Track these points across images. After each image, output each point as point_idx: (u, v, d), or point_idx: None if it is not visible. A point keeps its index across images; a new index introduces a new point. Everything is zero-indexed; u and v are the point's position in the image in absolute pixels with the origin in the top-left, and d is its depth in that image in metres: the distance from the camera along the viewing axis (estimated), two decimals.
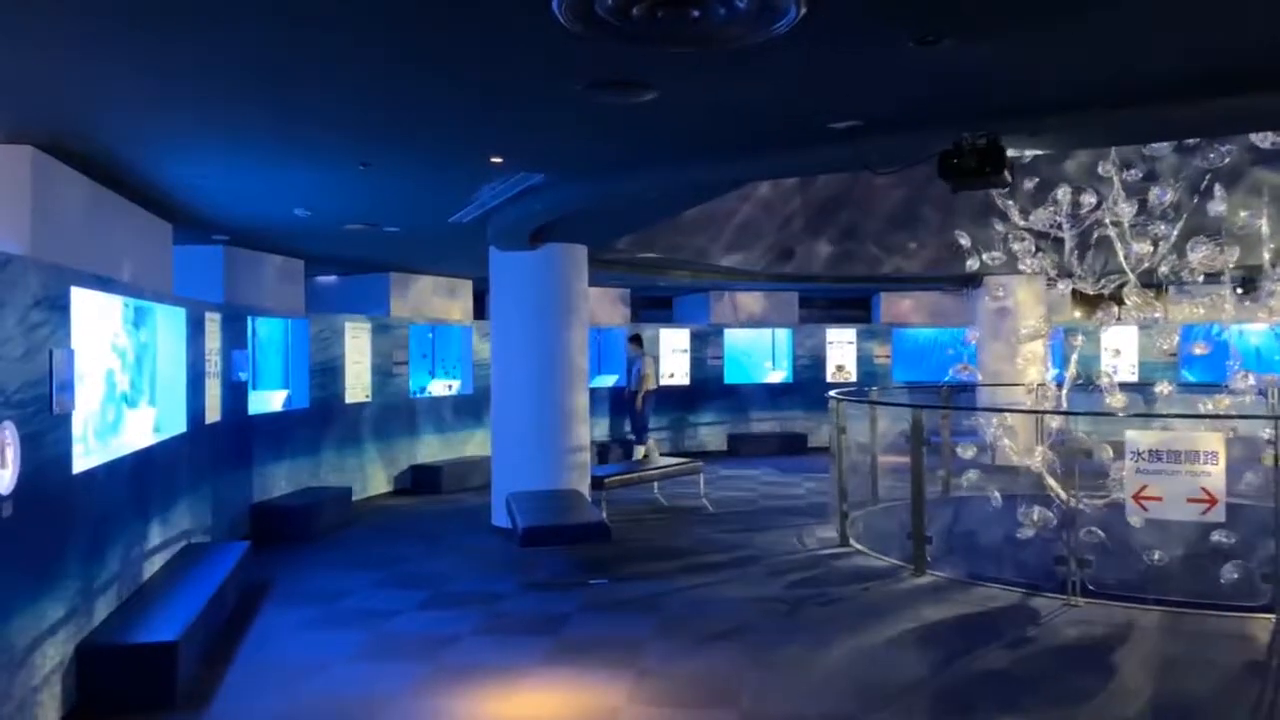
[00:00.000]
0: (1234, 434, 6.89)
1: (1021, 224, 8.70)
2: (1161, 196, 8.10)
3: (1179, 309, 8.14)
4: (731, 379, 16.13)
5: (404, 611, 6.43)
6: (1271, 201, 8.55)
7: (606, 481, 9.59)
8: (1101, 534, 6.72)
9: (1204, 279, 8.32)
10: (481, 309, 14.87)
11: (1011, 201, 8.70)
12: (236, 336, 8.88)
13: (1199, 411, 7.92)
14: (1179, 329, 8.75)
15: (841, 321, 17.25)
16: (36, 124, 4.84)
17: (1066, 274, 8.63)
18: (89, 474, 5.18)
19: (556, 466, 9.12)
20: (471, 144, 5.45)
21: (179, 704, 4.78)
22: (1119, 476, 6.98)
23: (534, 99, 4.44)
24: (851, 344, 16.43)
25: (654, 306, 17.28)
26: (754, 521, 9.66)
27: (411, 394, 12.24)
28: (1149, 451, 6.30)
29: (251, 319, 9.61)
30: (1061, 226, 8.59)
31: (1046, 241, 8.86)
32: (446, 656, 5.48)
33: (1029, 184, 8.88)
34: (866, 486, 9.55)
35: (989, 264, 8.46)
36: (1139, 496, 6.32)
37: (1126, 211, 7.91)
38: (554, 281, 9.15)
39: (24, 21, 3.38)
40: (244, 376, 9.16)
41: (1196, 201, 8.16)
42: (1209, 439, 6.12)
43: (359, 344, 11.14)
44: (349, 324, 10.97)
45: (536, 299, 9.12)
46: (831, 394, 9.46)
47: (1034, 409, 8.28)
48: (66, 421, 4.81)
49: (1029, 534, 7.26)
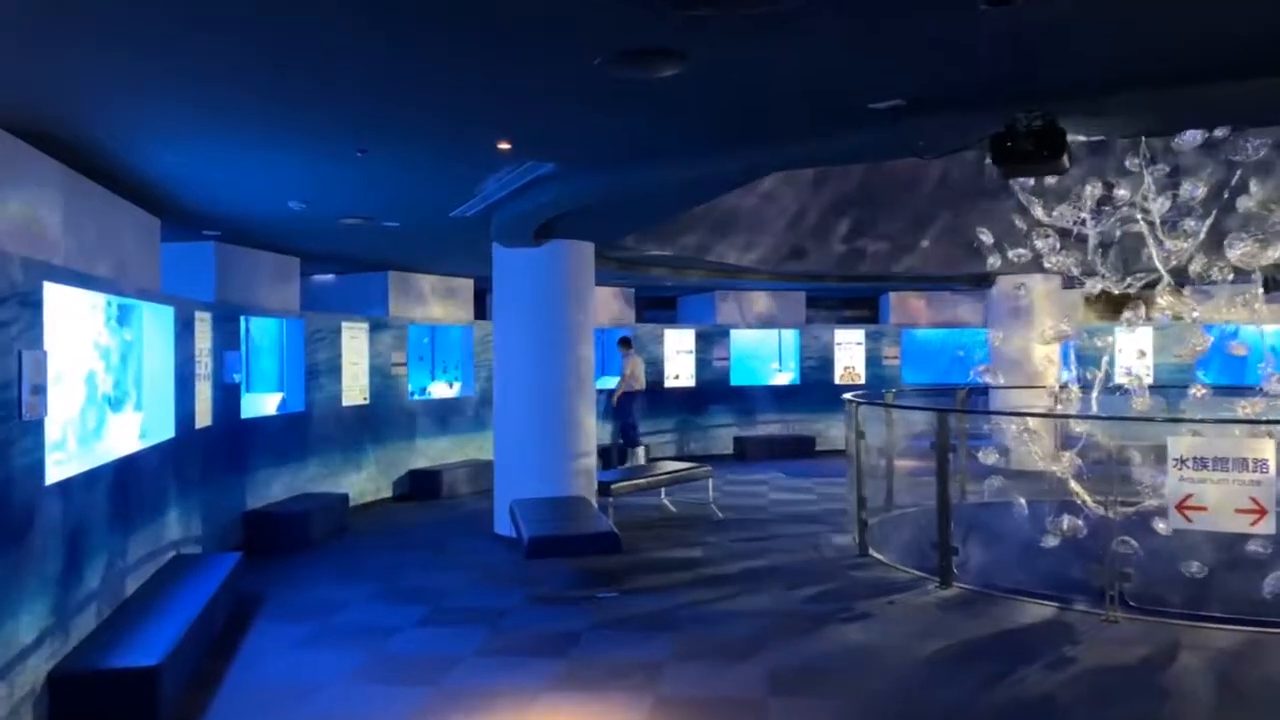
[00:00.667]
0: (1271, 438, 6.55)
1: (1045, 220, 8.35)
2: (1193, 192, 7.77)
3: (1214, 309, 7.82)
4: (738, 380, 15.77)
5: (403, 628, 6.07)
6: None
7: (613, 487, 9.24)
8: (1135, 544, 6.38)
9: (1233, 277, 8.01)
10: (482, 309, 14.53)
11: (1034, 197, 8.36)
12: (229, 337, 8.51)
13: (1237, 415, 7.54)
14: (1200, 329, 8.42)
15: (849, 322, 16.92)
16: (3, 105, 4.47)
17: (1090, 273, 8.30)
18: (65, 484, 4.82)
19: (562, 472, 8.76)
20: (477, 128, 5.05)
21: None
22: (1154, 484, 6.67)
23: (546, 75, 4.06)
24: (860, 345, 16.09)
25: (658, 306, 16.93)
26: (766, 529, 9.31)
27: (411, 396, 11.87)
28: (1194, 459, 5.95)
29: (245, 319, 9.23)
30: (1085, 223, 8.27)
31: (1069, 239, 8.53)
32: (448, 679, 5.11)
33: (1050, 179, 8.54)
34: (882, 492, 9.22)
35: (1014, 261, 8.10)
36: (1182, 506, 5.97)
37: (1160, 206, 7.55)
38: (559, 279, 8.79)
39: None
40: (237, 379, 8.79)
41: (1227, 197, 7.84)
42: (1260, 446, 5.77)
43: (357, 345, 10.78)
44: (346, 324, 10.60)
45: (541, 297, 8.76)
46: (848, 396, 9.11)
47: (1065, 413, 7.90)
48: (38, 428, 4.44)
49: (1053, 543, 6.92)
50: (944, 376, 16.10)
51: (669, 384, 15.11)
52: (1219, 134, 7.97)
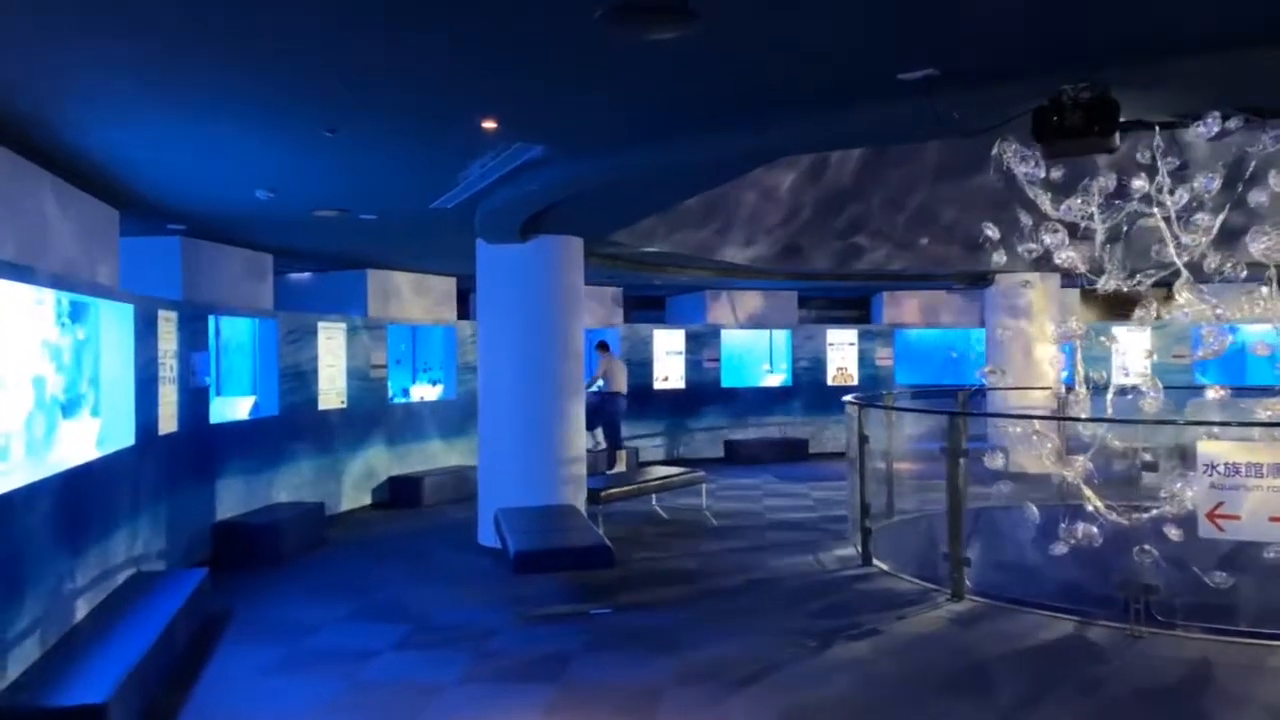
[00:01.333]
0: None
1: (1054, 214, 8.01)
2: (1209, 184, 7.44)
3: (1235, 306, 7.50)
4: (728, 382, 15.37)
5: (381, 652, 5.62)
6: None
7: (603, 495, 8.82)
8: (1155, 553, 6.03)
9: (1245, 274, 7.70)
10: (465, 309, 14.07)
11: (1042, 190, 8.00)
12: (196, 337, 8.02)
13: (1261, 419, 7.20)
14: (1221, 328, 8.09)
15: (840, 322, 16.57)
16: None
17: (1098, 270, 7.97)
18: (4, 499, 4.35)
19: (550, 479, 8.32)
20: (458, 103, 4.59)
21: None
22: (1174, 489, 6.33)
23: (537, 38, 3.61)
24: (853, 345, 15.73)
25: (646, 306, 16.51)
26: (763, 537, 8.92)
27: (391, 400, 11.39)
28: (1225, 465, 5.60)
29: (214, 318, 8.73)
30: (1093, 217, 7.93)
31: (1076, 235, 8.21)
32: (431, 711, 4.68)
33: (1056, 173, 8.20)
34: (882, 498, 8.84)
35: (1025, 256, 7.73)
36: (1213, 515, 5.61)
37: (1177, 199, 7.20)
38: (547, 277, 8.35)
39: None
40: (206, 382, 8.30)
41: (1240, 190, 7.52)
42: None
43: (333, 346, 10.28)
44: (322, 324, 10.11)
45: (528, 296, 8.31)
46: (848, 399, 8.73)
47: (1079, 416, 7.54)
48: None
49: (1065, 551, 6.56)
50: (938, 378, 15.78)
51: (658, 386, 14.69)
52: (1232, 125, 7.67)
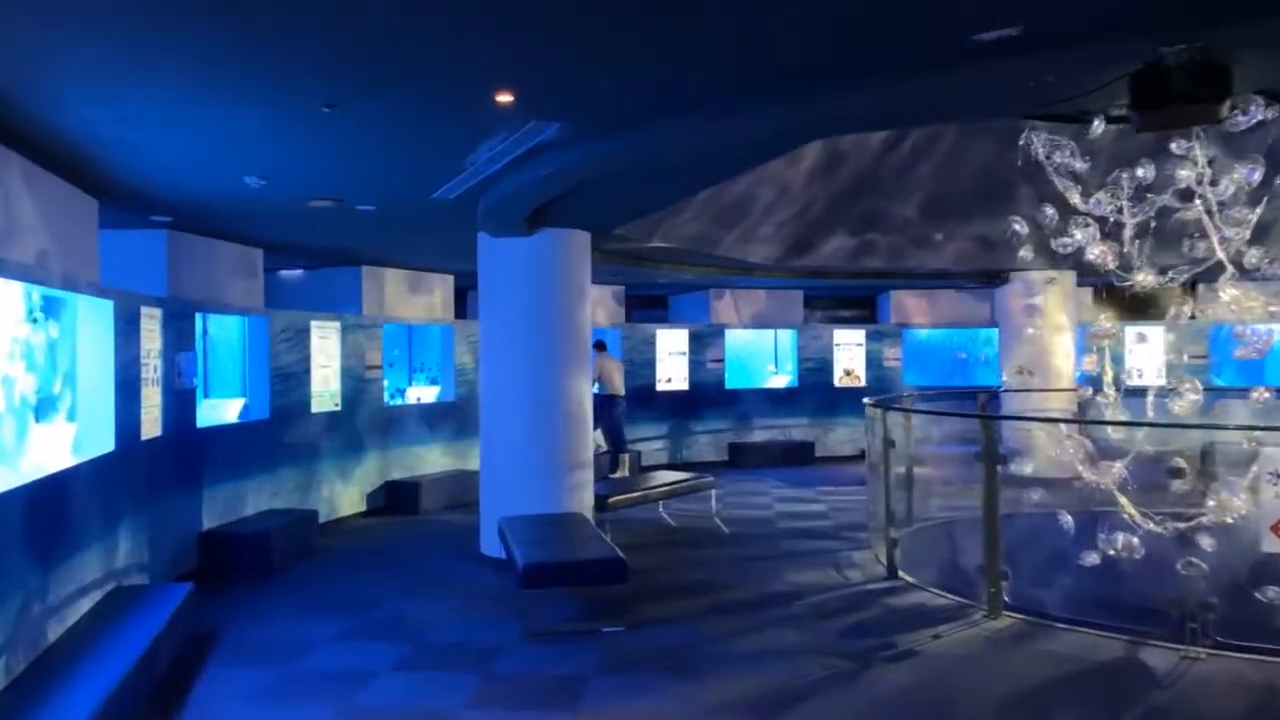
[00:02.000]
0: None
1: (1082, 208, 7.64)
2: (1250, 175, 7.06)
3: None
4: (733, 384, 14.95)
5: (379, 674, 5.19)
6: None
7: (610, 501, 8.40)
8: (1205, 566, 5.65)
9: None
10: (463, 308, 13.63)
11: (1072, 183, 7.63)
12: (182, 336, 7.58)
13: None
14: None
15: (846, 322, 16.17)
16: None
17: (1128, 266, 7.60)
18: None
19: (555, 485, 7.90)
20: (472, 71, 4.17)
21: None
22: (1221, 497, 5.96)
23: None
24: (860, 346, 15.33)
25: (648, 305, 16.08)
26: (778, 546, 8.51)
27: (386, 402, 10.95)
28: None
29: (201, 316, 8.29)
30: (1122, 211, 7.56)
31: (1104, 230, 7.84)
32: None
33: (1081, 165, 7.84)
34: (902, 505, 8.43)
35: (1059, 250, 7.35)
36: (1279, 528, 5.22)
37: (1222, 190, 6.83)
38: (554, 272, 7.93)
39: None
40: (192, 383, 7.86)
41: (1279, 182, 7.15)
42: None
43: (327, 345, 9.84)
44: (316, 323, 9.67)
45: (534, 291, 7.89)
46: (867, 401, 8.34)
47: (1119, 419, 7.15)
48: None
49: (1101, 561, 6.18)
50: (947, 379, 15.41)
51: (660, 387, 14.28)
52: (1271, 114, 7.31)
